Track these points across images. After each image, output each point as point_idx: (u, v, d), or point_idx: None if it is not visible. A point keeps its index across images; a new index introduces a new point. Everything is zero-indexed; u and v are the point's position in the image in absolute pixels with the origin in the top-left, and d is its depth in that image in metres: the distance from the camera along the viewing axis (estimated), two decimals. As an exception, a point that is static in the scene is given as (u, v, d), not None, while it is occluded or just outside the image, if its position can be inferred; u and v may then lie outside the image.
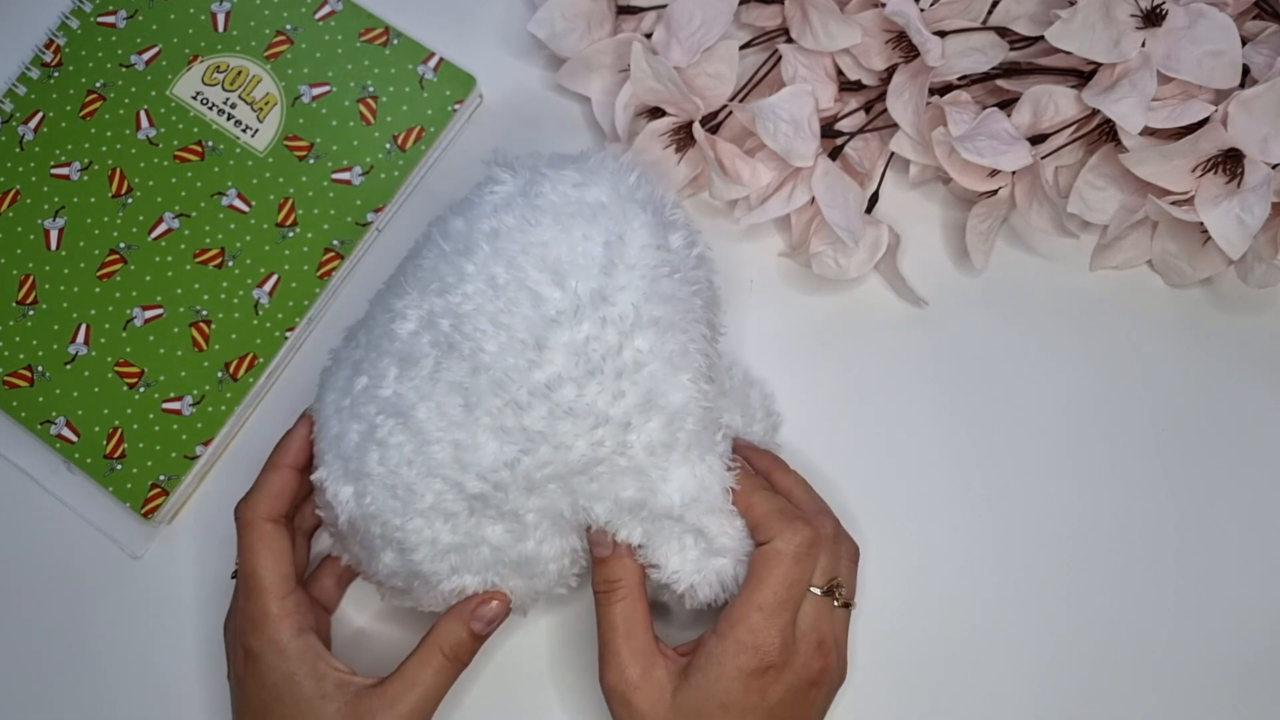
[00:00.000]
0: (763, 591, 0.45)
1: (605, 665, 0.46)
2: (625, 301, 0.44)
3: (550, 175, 0.46)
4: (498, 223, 0.45)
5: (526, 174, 0.47)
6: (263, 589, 0.47)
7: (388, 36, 0.59)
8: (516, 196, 0.46)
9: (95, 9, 0.60)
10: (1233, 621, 0.54)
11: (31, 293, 0.57)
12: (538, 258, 0.44)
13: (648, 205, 0.46)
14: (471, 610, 0.47)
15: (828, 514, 0.49)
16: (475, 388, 0.44)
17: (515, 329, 0.43)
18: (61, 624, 0.56)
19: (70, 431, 0.56)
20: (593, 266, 0.44)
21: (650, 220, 0.45)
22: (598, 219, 0.44)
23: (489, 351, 0.43)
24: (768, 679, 0.45)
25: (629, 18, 0.58)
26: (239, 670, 0.48)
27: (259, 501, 0.48)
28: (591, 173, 0.46)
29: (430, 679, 0.47)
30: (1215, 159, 0.51)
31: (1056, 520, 0.55)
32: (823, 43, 0.53)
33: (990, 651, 0.54)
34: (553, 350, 0.43)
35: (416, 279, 0.46)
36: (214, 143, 0.59)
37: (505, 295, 0.44)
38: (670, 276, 0.45)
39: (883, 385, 0.57)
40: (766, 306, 0.57)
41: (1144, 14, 0.51)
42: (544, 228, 0.44)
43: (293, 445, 0.49)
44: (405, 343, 0.45)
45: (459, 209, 0.47)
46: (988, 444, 0.56)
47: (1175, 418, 0.56)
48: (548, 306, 0.43)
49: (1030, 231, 0.58)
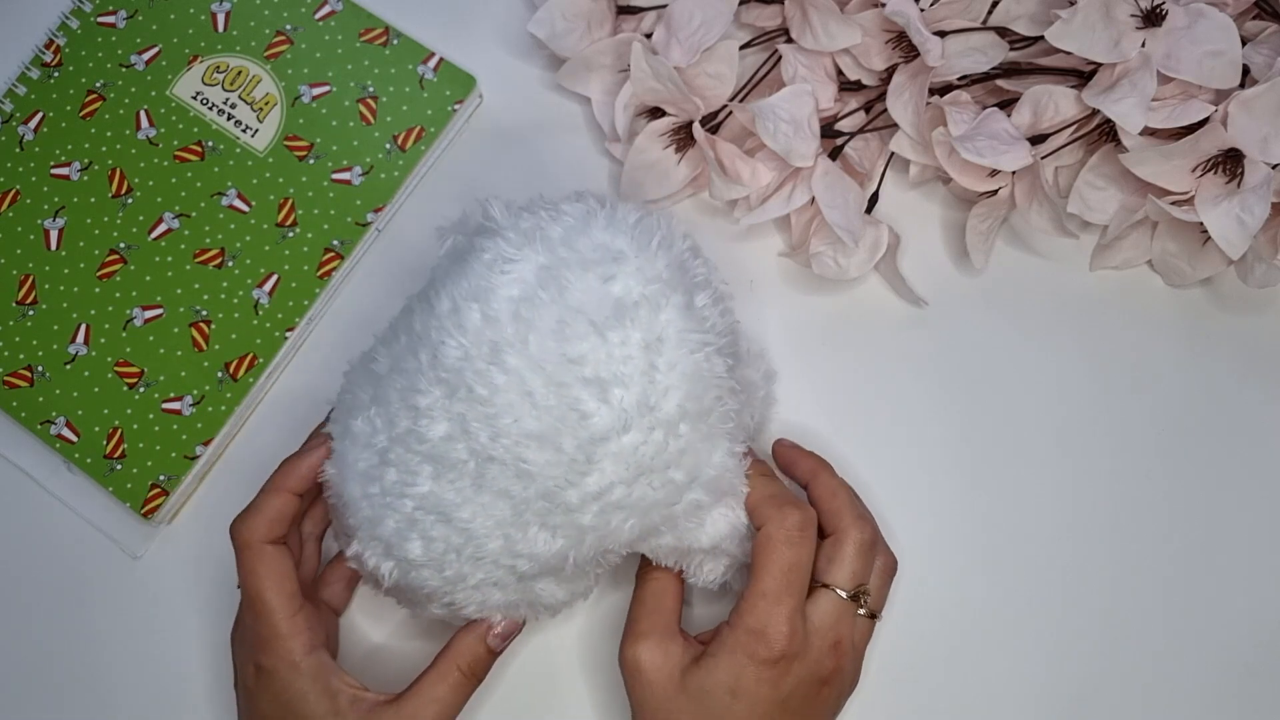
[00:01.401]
0: (764, 580, 0.46)
1: (625, 636, 0.47)
2: (670, 404, 0.43)
3: (572, 264, 0.43)
4: (525, 328, 0.42)
5: (540, 250, 0.43)
6: (269, 610, 0.47)
7: (388, 36, 0.59)
8: (538, 289, 0.42)
9: (95, 9, 0.60)
10: (1233, 622, 0.54)
11: (31, 293, 0.57)
12: (576, 374, 0.42)
13: (675, 278, 0.44)
14: (488, 627, 0.48)
15: (867, 520, 0.49)
16: (522, 495, 0.43)
17: (562, 446, 0.42)
18: (61, 624, 0.56)
19: (70, 431, 0.56)
20: (635, 374, 0.42)
21: (682, 301, 0.43)
22: (633, 319, 0.42)
23: (535, 464, 0.42)
24: (779, 670, 0.45)
25: (629, 18, 0.58)
26: (249, 683, 0.47)
27: (258, 525, 0.47)
28: (615, 259, 0.43)
29: (447, 695, 0.47)
30: (1215, 159, 0.51)
31: (1056, 519, 0.55)
32: (823, 43, 0.53)
33: (989, 650, 0.54)
34: (601, 461, 0.43)
35: (438, 377, 0.43)
36: (214, 143, 0.59)
37: (548, 414, 0.42)
38: (708, 358, 0.44)
39: (883, 385, 0.57)
40: (766, 306, 0.57)
41: (1144, 14, 0.51)
42: (579, 339, 0.42)
43: (299, 472, 0.48)
44: (437, 446, 0.43)
45: (470, 291, 0.43)
46: (988, 443, 0.56)
47: (1175, 417, 0.56)
48: (594, 422, 0.42)
49: (1030, 231, 0.58)
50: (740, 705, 0.45)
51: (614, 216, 0.45)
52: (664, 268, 0.44)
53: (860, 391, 0.57)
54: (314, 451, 0.48)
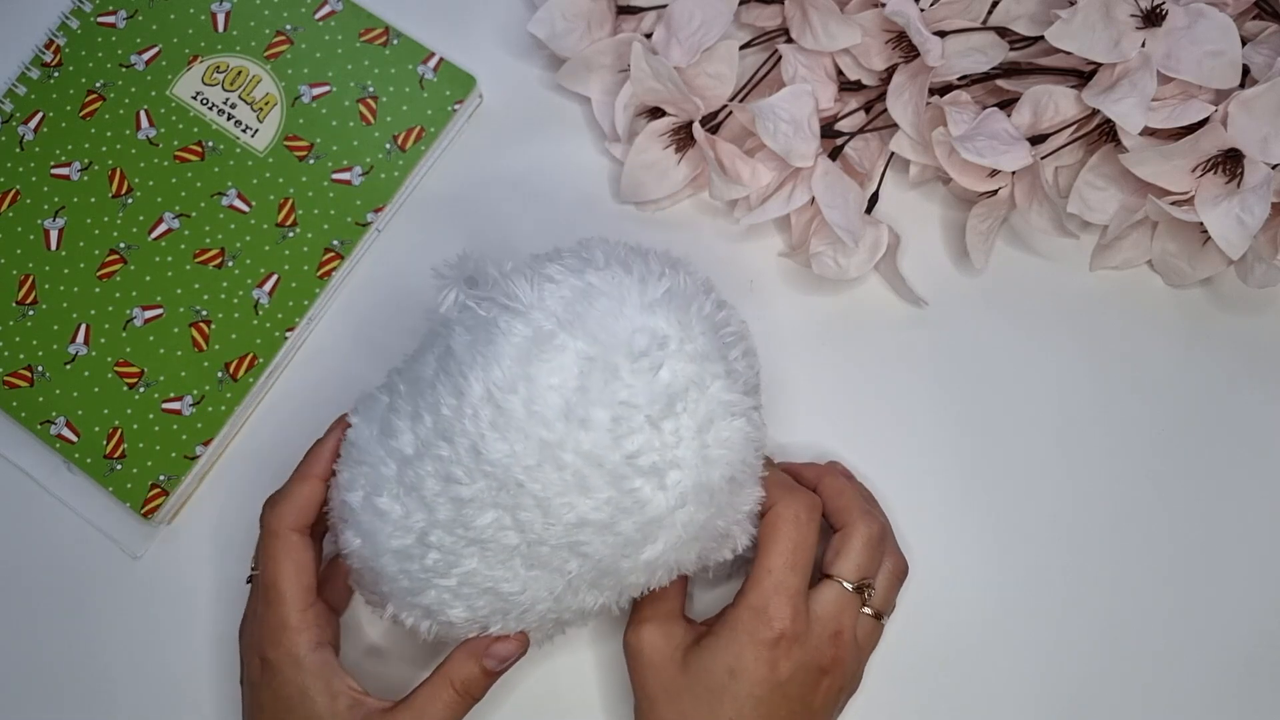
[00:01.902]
0: (770, 557, 0.46)
1: (629, 622, 0.48)
2: (721, 476, 0.43)
3: (616, 351, 0.41)
4: (576, 427, 0.41)
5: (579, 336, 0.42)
6: (284, 600, 0.47)
7: (388, 36, 0.59)
8: (584, 382, 0.41)
9: (95, 9, 0.60)
10: (1233, 621, 0.54)
11: (31, 293, 0.57)
12: (634, 466, 0.41)
13: (713, 349, 0.43)
14: (485, 648, 0.47)
15: (875, 516, 0.49)
16: (578, 571, 0.44)
17: (620, 529, 0.42)
18: (61, 624, 0.56)
19: (70, 431, 0.56)
20: (689, 457, 0.42)
21: (723, 371, 0.43)
22: (684, 407, 0.42)
23: (592, 547, 0.43)
24: (779, 651, 0.45)
25: (629, 18, 0.58)
26: (254, 677, 0.47)
27: (287, 512, 0.48)
28: (659, 344, 0.42)
29: (439, 712, 0.46)
30: (1215, 159, 0.51)
31: (1056, 519, 0.55)
32: (823, 43, 0.53)
33: (989, 650, 0.54)
34: (658, 537, 0.43)
35: (483, 471, 0.42)
36: (214, 143, 0.59)
37: (607, 505, 0.42)
38: (751, 423, 0.44)
39: (883, 385, 0.57)
40: (766, 306, 0.57)
41: (1144, 14, 0.51)
42: (635, 434, 0.41)
43: (325, 456, 0.49)
44: (484, 531, 0.43)
45: (506, 382, 0.41)
46: (987, 444, 0.56)
47: (1175, 417, 0.56)
48: (651, 508, 0.42)
49: (1030, 231, 0.58)
50: (739, 685, 0.45)
51: (645, 290, 0.43)
52: (703, 340, 0.43)
53: (860, 391, 0.56)
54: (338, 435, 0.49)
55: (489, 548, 0.43)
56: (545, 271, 0.44)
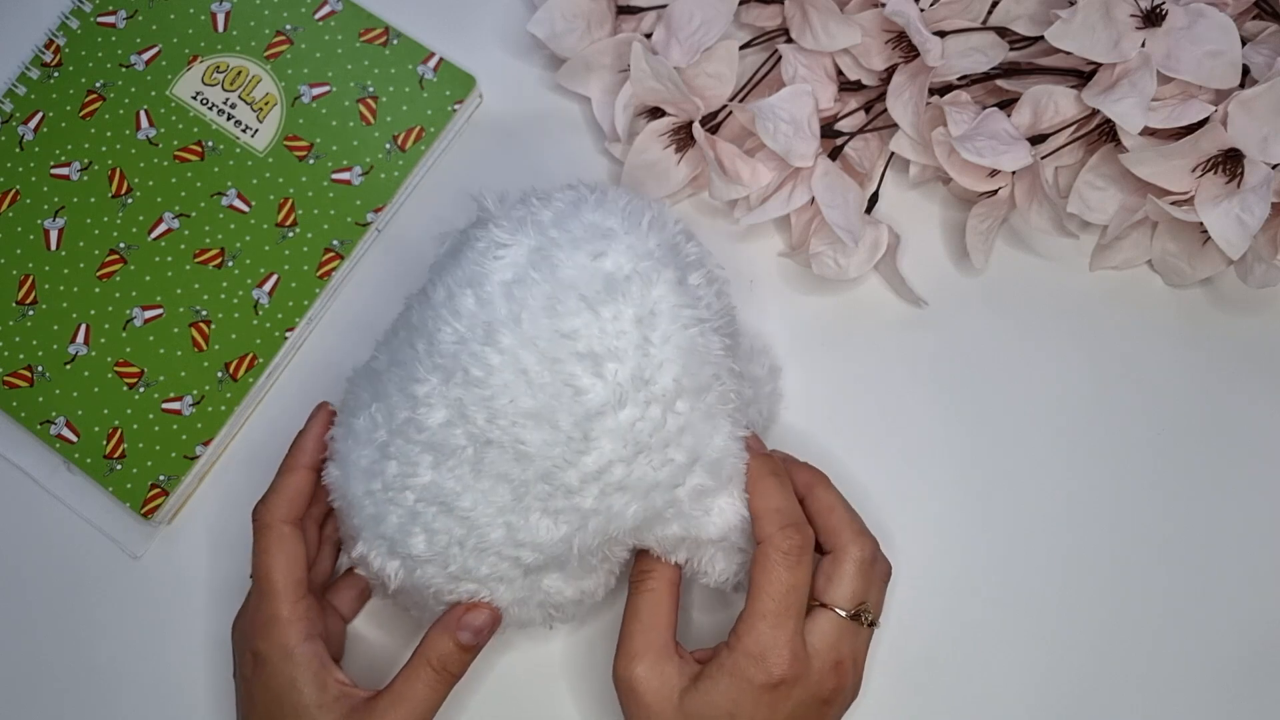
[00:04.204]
0: (763, 600, 0.45)
1: (618, 653, 0.46)
2: (666, 378, 0.43)
3: (563, 243, 0.43)
4: (517, 307, 0.42)
5: (531, 233, 0.44)
6: (275, 592, 0.47)
7: (387, 36, 0.59)
8: (529, 270, 0.43)
9: (95, 9, 0.60)
10: (1232, 621, 0.54)
11: (31, 293, 0.57)
12: (570, 349, 0.42)
13: (667, 256, 0.44)
14: (457, 619, 0.46)
15: (867, 536, 0.47)
16: (522, 478, 0.43)
17: (559, 424, 0.42)
18: (61, 624, 0.56)
19: (70, 431, 0.56)
20: (628, 348, 0.42)
21: (674, 278, 0.44)
22: (625, 294, 0.43)
23: (533, 445, 0.43)
24: (779, 694, 0.44)
25: (629, 18, 0.58)
26: (246, 671, 0.48)
27: (277, 504, 0.48)
28: (605, 236, 0.44)
29: (421, 692, 0.46)
30: (1215, 159, 0.51)
31: (1056, 519, 0.55)
32: (823, 43, 0.53)
33: (989, 649, 0.54)
34: (599, 438, 0.43)
35: (435, 364, 0.44)
36: (214, 143, 0.59)
37: (543, 391, 0.42)
38: (703, 334, 0.44)
39: (882, 385, 0.57)
40: (766, 306, 0.57)
41: (1144, 14, 0.51)
42: (572, 315, 0.42)
43: (308, 445, 0.49)
44: (436, 433, 0.44)
45: (464, 278, 0.44)
46: (987, 444, 0.56)
47: (1174, 417, 0.56)
48: (589, 398, 0.42)
49: (1030, 231, 0.58)
50: None
51: (604, 199, 0.45)
52: (655, 246, 0.44)
53: (860, 391, 0.56)
54: (317, 421, 0.49)
55: (441, 452, 0.44)
56: (521, 198, 0.46)
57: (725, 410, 0.45)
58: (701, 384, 0.44)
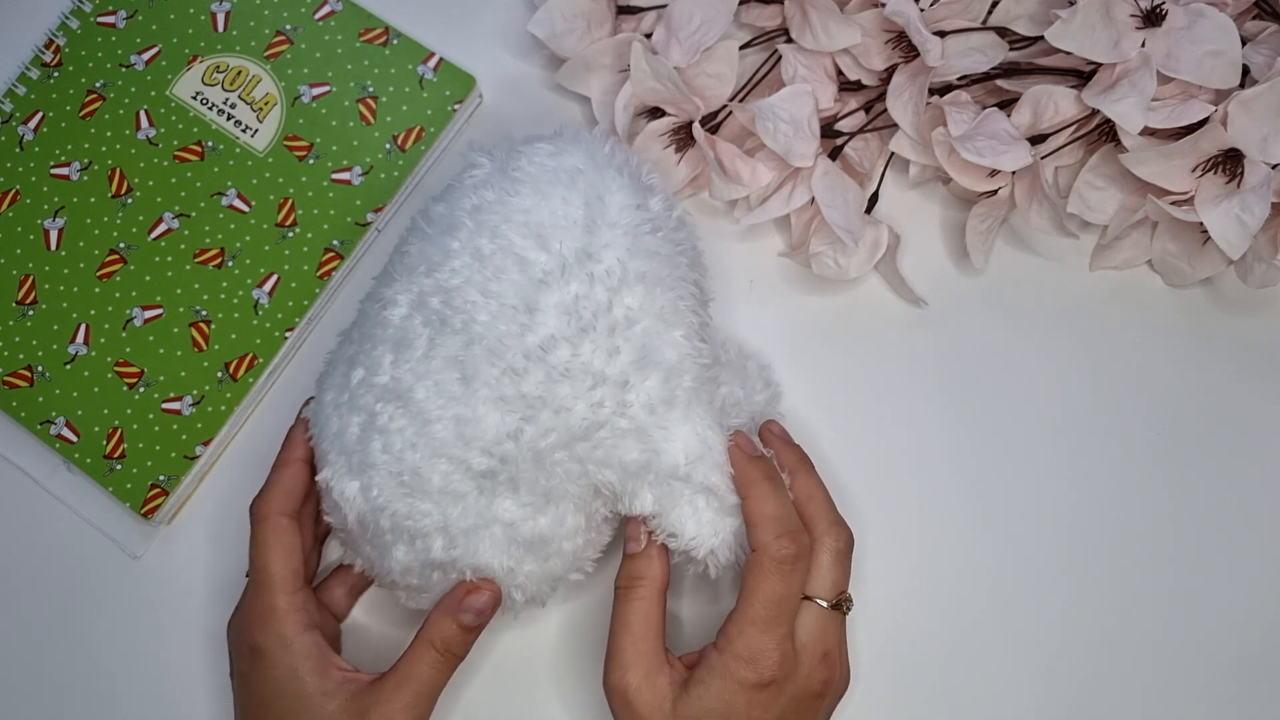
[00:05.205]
0: (754, 606, 0.45)
1: (610, 664, 0.46)
2: (610, 257, 0.45)
3: (525, 150, 0.47)
4: (479, 199, 0.46)
5: (503, 155, 0.48)
6: (272, 583, 0.47)
7: (387, 36, 0.59)
8: (495, 174, 0.47)
9: (95, 9, 0.60)
10: (1231, 621, 0.54)
11: (31, 293, 0.57)
12: (520, 225, 0.45)
13: (624, 169, 0.47)
14: (459, 601, 0.47)
15: (842, 527, 0.47)
16: (471, 359, 0.44)
17: (505, 296, 0.44)
18: (61, 624, 0.56)
19: (70, 431, 0.56)
20: (575, 227, 0.45)
21: (627, 182, 0.46)
22: (576, 183, 0.46)
23: (481, 321, 0.44)
24: (770, 693, 0.45)
25: (629, 18, 0.58)
26: (243, 667, 0.48)
27: (273, 497, 0.49)
28: (566, 143, 0.47)
29: (425, 673, 0.46)
30: (1215, 159, 0.51)
31: (1055, 519, 0.55)
32: (823, 43, 0.53)
33: (989, 650, 0.54)
34: (544, 312, 0.44)
35: (403, 265, 0.47)
36: (214, 143, 0.59)
37: (492, 265, 0.45)
38: (653, 234, 0.46)
39: (882, 385, 0.57)
40: (766, 306, 0.57)
41: (1144, 14, 0.51)
42: (524, 196, 0.45)
43: (298, 438, 0.50)
44: (398, 327, 0.46)
45: (440, 195, 0.48)
46: (987, 444, 0.56)
47: (1174, 417, 0.56)
48: (534, 269, 0.44)
49: (1030, 231, 0.58)
50: None
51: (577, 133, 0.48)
52: (614, 156, 0.47)
53: (860, 391, 0.56)
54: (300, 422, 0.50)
55: (400, 346, 0.45)
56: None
57: (682, 322, 0.46)
58: (651, 279, 0.45)
